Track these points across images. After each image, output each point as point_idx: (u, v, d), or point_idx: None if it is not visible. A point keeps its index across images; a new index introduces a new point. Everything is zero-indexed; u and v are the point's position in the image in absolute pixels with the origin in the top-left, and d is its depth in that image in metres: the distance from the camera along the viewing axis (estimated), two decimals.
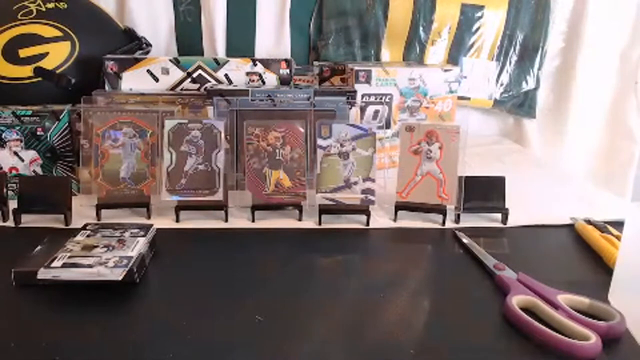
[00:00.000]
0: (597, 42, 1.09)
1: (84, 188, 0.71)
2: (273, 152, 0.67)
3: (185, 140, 0.66)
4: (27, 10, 0.81)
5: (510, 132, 1.19)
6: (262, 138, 0.67)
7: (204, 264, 0.56)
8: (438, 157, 0.66)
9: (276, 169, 0.67)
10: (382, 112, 0.85)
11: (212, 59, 0.84)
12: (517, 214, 0.67)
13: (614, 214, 0.65)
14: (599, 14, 1.08)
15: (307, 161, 0.67)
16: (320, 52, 1.07)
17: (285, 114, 0.72)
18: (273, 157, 0.67)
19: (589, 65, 1.11)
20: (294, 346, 0.41)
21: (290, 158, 0.67)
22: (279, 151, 0.67)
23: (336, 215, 0.66)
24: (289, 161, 0.67)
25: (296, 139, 0.67)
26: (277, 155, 0.67)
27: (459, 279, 0.54)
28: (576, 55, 1.11)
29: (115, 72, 0.81)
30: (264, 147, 0.67)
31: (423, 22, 1.07)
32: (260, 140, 0.67)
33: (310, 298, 0.49)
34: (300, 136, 0.67)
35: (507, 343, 0.42)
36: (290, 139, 0.67)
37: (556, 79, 1.15)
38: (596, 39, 1.09)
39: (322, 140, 0.66)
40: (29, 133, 0.70)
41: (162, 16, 1.04)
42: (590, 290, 0.48)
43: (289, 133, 0.67)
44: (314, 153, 0.67)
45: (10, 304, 0.47)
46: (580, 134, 1.15)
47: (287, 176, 0.66)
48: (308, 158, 0.67)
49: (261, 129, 0.67)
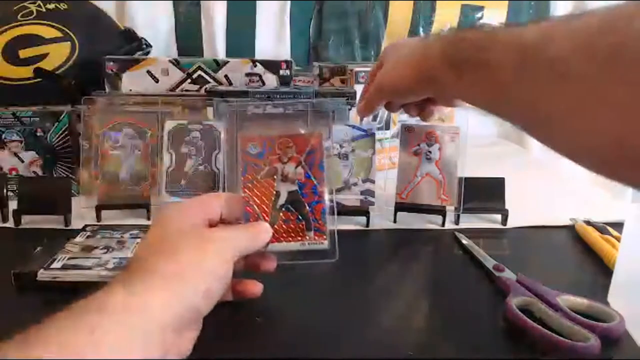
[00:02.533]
0: None
1: (83, 189, 0.71)
2: None
3: (185, 141, 0.67)
4: (27, 11, 0.81)
5: (510, 133, 1.19)
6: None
7: None
8: (437, 158, 0.67)
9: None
10: (381, 113, 0.85)
11: (212, 60, 0.84)
12: (516, 215, 0.66)
13: (614, 215, 0.65)
14: None
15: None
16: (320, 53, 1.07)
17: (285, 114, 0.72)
18: None
19: None
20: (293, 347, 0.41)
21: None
22: None
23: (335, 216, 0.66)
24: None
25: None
26: None
27: (459, 280, 0.54)
28: None
29: (115, 73, 0.81)
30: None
31: (423, 22, 1.07)
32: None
33: (309, 299, 0.49)
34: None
35: (506, 344, 0.43)
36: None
37: None
38: None
39: (326, 141, 0.66)
40: (28, 134, 0.70)
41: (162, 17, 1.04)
42: (589, 291, 0.48)
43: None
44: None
45: (10, 305, 0.47)
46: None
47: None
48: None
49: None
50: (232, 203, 0.44)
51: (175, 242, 0.38)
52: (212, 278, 0.37)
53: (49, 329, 0.30)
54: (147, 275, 0.35)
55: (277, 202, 0.45)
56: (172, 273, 0.35)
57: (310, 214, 0.45)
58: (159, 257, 0.36)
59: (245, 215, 0.44)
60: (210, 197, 0.45)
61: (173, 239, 0.38)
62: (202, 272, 0.37)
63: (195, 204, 0.43)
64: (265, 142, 0.46)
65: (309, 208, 0.45)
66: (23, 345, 0.28)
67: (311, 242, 0.45)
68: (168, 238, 0.39)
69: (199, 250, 0.38)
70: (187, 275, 0.36)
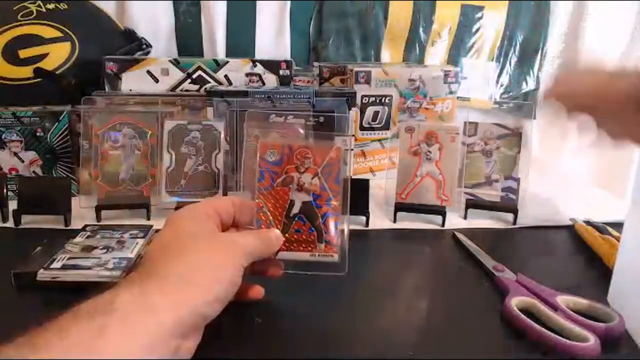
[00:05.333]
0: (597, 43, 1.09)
1: (83, 189, 0.71)
2: None
3: (184, 141, 0.67)
4: (27, 11, 0.81)
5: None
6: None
7: None
8: (437, 158, 0.67)
9: None
10: (381, 113, 0.85)
11: (212, 60, 0.84)
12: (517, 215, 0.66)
13: (614, 215, 0.65)
14: (599, 15, 1.08)
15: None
16: (320, 53, 1.07)
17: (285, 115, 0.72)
18: None
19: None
20: (293, 347, 0.41)
21: None
22: None
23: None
24: None
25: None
26: None
27: (458, 281, 0.54)
28: (576, 56, 1.11)
29: (115, 73, 0.81)
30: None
31: (423, 23, 1.07)
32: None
33: (309, 299, 0.49)
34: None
35: (506, 345, 0.42)
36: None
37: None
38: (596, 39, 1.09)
39: (466, 137, 0.68)
40: (28, 134, 0.70)
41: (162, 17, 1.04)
42: (589, 291, 0.48)
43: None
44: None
45: (10, 305, 0.47)
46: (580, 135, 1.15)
47: None
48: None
49: (261, 130, 0.67)
50: (244, 208, 0.44)
51: (187, 244, 0.38)
52: (223, 283, 0.37)
53: (53, 330, 0.29)
54: (158, 277, 0.35)
55: (291, 211, 0.45)
56: (182, 276, 0.35)
57: (323, 226, 0.45)
58: (170, 258, 0.36)
59: (257, 222, 0.45)
60: (223, 200, 0.45)
61: (185, 240, 0.38)
62: (213, 276, 0.36)
63: (209, 206, 0.43)
64: (284, 150, 0.46)
65: (321, 220, 0.45)
66: (26, 347, 0.28)
67: (321, 254, 0.45)
68: (180, 239, 0.38)
69: (211, 253, 0.38)
70: (197, 279, 0.36)
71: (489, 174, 0.68)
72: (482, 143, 0.68)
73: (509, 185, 0.67)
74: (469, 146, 0.68)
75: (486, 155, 0.68)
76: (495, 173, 0.68)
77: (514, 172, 0.67)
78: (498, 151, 0.68)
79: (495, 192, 0.67)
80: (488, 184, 0.68)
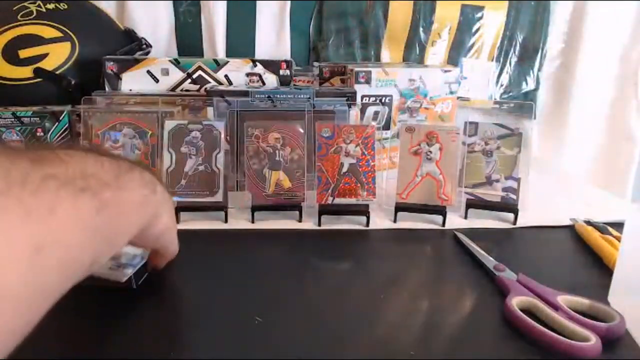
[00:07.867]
0: (597, 43, 1.10)
1: None
2: (273, 153, 0.67)
3: (185, 141, 0.67)
4: (27, 11, 0.81)
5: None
6: (262, 139, 0.67)
7: (203, 265, 0.55)
8: (438, 158, 0.67)
9: (276, 170, 0.67)
10: (382, 113, 0.85)
11: (212, 60, 0.84)
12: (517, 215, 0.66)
13: (614, 215, 0.65)
14: (599, 15, 1.08)
15: (305, 162, 0.67)
16: (320, 52, 1.07)
17: (285, 114, 0.72)
18: (273, 158, 0.67)
19: (589, 66, 1.11)
20: (293, 347, 0.41)
21: (290, 159, 0.67)
22: (278, 152, 0.67)
23: (336, 216, 0.66)
24: (288, 162, 0.67)
25: (296, 140, 0.67)
26: (276, 156, 0.67)
27: (459, 280, 0.54)
28: (576, 56, 1.11)
29: (115, 73, 0.81)
30: (264, 148, 0.67)
31: (423, 22, 1.07)
32: (260, 141, 0.67)
33: (309, 299, 0.49)
34: (300, 137, 0.67)
35: (506, 344, 0.42)
36: (290, 140, 0.67)
37: (556, 80, 1.15)
38: (596, 39, 1.09)
39: (466, 137, 0.69)
40: (29, 134, 0.70)
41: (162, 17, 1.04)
42: (590, 291, 0.48)
43: (288, 134, 0.67)
44: (314, 154, 0.67)
45: None
46: (580, 135, 1.15)
47: (287, 177, 0.67)
48: (306, 159, 0.67)
49: (261, 130, 0.67)
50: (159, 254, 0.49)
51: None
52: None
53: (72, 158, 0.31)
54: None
55: (341, 170, 0.65)
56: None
57: (364, 179, 0.65)
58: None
59: (319, 179, 0.65)
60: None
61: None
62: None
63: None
64: (335, 129, 0.66)
65: (363, 176, 0.65)
66: (38, 162, 0.28)
67: (364, 199, 0.65)
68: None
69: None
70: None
71: (490, 173, 0.68)
72: (483, 143, 0.68)
73: (510, 185, 0.67)
74: (469, 146, 0.68)
75: (486, 155, 0.68)
76: (496, 173, 0.68)
77: (515, 172, 0.67)
78: (498, 151, 0.68)
79: (495, 192, 0.67)
80: (488, 183, 0.68)
